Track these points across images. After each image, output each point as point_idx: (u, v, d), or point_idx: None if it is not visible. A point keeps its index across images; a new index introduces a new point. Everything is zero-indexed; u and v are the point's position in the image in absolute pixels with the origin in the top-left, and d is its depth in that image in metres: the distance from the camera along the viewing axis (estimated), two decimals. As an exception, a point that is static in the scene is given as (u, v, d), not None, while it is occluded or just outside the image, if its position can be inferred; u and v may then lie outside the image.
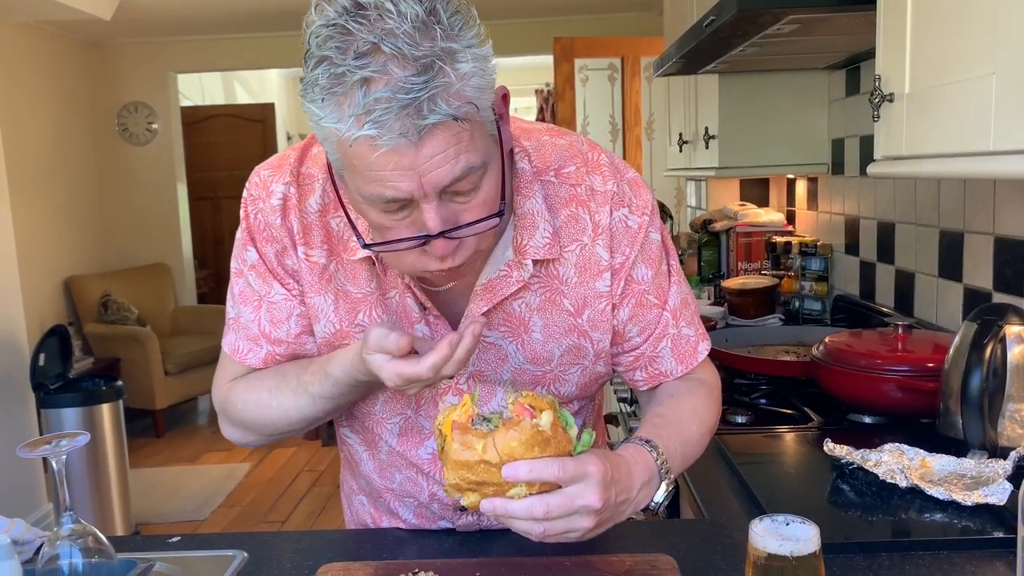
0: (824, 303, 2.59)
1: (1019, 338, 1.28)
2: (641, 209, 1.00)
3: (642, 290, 1.01)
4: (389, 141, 0.74)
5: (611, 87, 5.29)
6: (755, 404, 1.73)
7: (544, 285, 0.99)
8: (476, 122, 0.78)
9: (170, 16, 4.96)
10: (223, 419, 1.07)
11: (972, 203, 1.75)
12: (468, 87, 0.76)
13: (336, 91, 0.74)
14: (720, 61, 2.27)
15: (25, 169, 4.69)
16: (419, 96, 0.73)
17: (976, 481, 1.17)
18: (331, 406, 0.99)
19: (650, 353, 1.04)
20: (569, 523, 0.79)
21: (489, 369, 1.01)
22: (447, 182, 0.78)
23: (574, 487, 0.78)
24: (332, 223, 0.98)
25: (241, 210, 1.01)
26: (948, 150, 1.09)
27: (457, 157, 0.77)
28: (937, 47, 1.13)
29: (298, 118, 8.70)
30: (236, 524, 3.85)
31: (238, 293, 1.02)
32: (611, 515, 0.83)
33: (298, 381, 0.98)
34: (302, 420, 1.00)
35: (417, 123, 0.73)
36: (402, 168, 0.76)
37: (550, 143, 1.00)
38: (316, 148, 1.00)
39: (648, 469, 0.88)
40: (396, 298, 0.98)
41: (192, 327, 5.70)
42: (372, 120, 0.73)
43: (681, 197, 4.67)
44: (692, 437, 0.99)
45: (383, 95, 0.73)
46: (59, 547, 0.93)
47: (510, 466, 0.76)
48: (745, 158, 2.66)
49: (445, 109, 0.74)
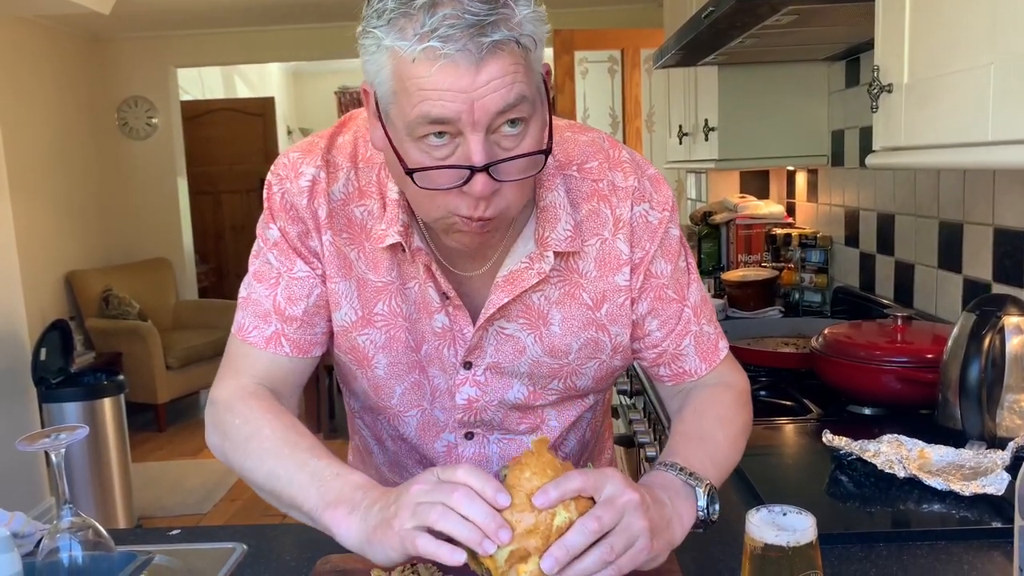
0: (824, 295, 2.59)
1: (1018, 329, 1.28)
2: (662, 205, 1.01)
3: (661, 284, 1.02)
4: (451, 52, 0.76)
5: (611, 79, 5.28)
6: (755, 396, 1.72)
7: (564, 279, 0.99)
8: (530, 60, 0.81)
9: (170, 10, 4.95)
10: (213, 423, 0.98)
11: (971, 194, 1.75)
12: (526, 22, 0.79)
13: (403, 11, 0.77)
14: (719, 53, 2.27)
15: (25, 164, 4.69)
16: (485, 19, 0.76)
17: (974, 471, 1.18)
18: (296, 494, 0.86)
19: (673, 350, 1.04)
20: (626, 527, 0.76)
21: (507, 361, 1.01)
22: (499, 107, 0.79)
23: (607, 489, 0.78)
24: (356, 211, 0.97)
25: (265, 190, 1.00)
26: (947, 140, 1.09)
27: (511, 85, 0.79)
28: (935, 37, 1.12)
29: (298, 112, 8.70)
30: (238, 518, 3.86)
31: (253, 272, 1.01)
32: (658, 521, 0.80)
33: (306, 451, 0.89)
34: (265, 480, 0.90)
35: (480, 40, 0.76)
36: (456, 89, 0.77)
37: (572, 139, 1.01)
38: (342, 137, 1.00)
39: (670, 484, 0.87)
40: (416, 288, 0.98)
41: (193, 321, 5.70)
42: (438, 35, 0.75)
43: (681, 189, 4.66)
44: (720, 445, 0.98)
45: (451, 14, 0.76)
46: (59, 540, 0.93)
47: (539, 494, 0.75)
48: (745, 150, 2.66)
49: (507, 32, 0.77)
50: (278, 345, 0.99)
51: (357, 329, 1.00)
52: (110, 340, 5.08)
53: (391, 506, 0.77)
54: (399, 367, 1.02)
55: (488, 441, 1.07)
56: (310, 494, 0.84)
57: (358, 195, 0.97)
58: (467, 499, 0.74)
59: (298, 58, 6.59)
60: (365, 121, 1.00)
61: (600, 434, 1.23)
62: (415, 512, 0.75)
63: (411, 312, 0.99)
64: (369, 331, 1.00)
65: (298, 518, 0.89)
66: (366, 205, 0.97)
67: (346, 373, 1.07)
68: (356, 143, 0.99)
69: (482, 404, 1.03)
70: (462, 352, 1.00)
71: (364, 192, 0.97)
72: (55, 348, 3.61)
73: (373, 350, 1.01)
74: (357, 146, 0.99)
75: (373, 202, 0.97)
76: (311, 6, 4.94)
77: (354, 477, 0.85)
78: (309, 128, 8.46)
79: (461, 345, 1.00)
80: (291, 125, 8.42)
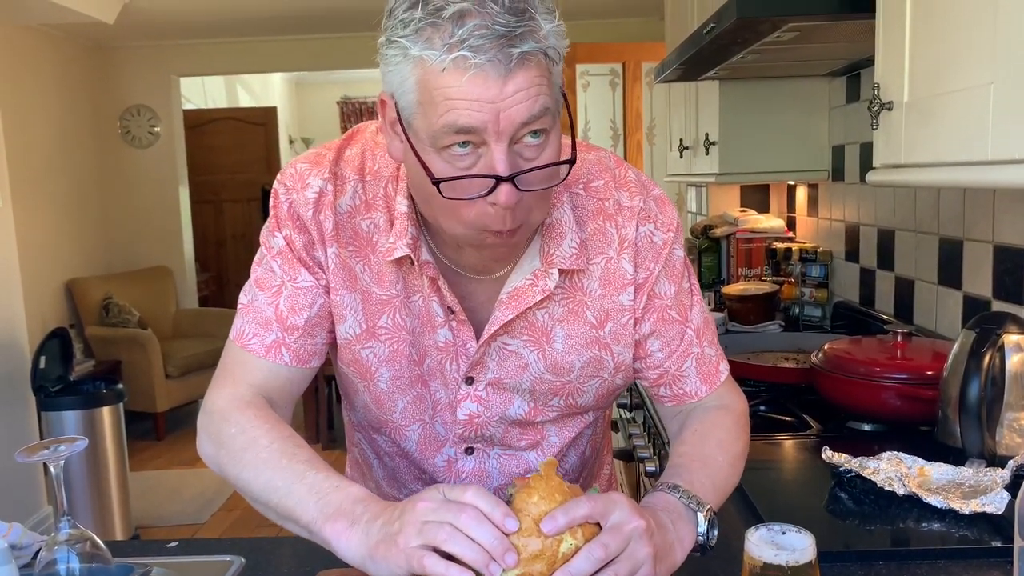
0: (824, 310, 2.59)
1: (1017, 347, 1.28)
2: (666, 226, 1.02)
3: (664, 305, 1.02)
4: (482, 62, 0.76)
5: (612, 92, 5.30)
6: (754, 411, 1.73)
7: (568, 296, 0.99)
8: (554, 73, 0.82)
9: (173, 19, 4.97)
10: (207, 431, 0.97)
11: (972, 211, 1.75)
12: (550, 36, 0.81)
13: (431, 21, 0.78)
14: (720, 68, 2.28)
15: (28, 171, 4.70)
16: (513, 31, 0.77)
17: (974, 490, 1.17)
18: (294, 507, 0.85)
19: (675, 371, 1.04)
20: (631, 553, 0.77)
21: (509, 377, 1.00)
22: (524, 118, 0.79)
23: (614, 516, 0.78)
24: (362, 224, 0.98)
25: (271, 199, 1.00)
26: (946, 159, 1.10)
27: (536, 97, 0.80)
28: (935, 56, 1.13)
29: (300, 122, 8.73)
30: (236, 528, 3.85)
31: (255, 279, 1.00)
32: (662, 547, 0.81)
33: (305, 463, 0.88)
34: (261, 491, 0.89)
35: (509, 51, 0.77)
36: (484, 99, 0.78)
37: (579, 157, 1.00)
38: (350, 150, 1.00)
39: (673, 508, 0.88)
40: (420, 302, 0.98)
41: (193, 330, 5.70)
42: (468, 45, 0.76)
43: (682, 202, 4.67)
44: (720, 468, 0.98)
45: (480, 25, 0.76)
46: (56, 552, 0.93)
47: (547, 520, 0.76)
48: (745, 164, 2.66)
49: (534, 44, 0.78)
50: (278, 354, 0.98)
51: (361, 342, 1.00)
52: (110, 348, 5.08)
53: (395, 522, 0.77)
54: (402, 381, 1.02)
55: (488, 456, 1.07)
56: (309, 507, 0.84)
57: (364, 208, 0.98)
58: (475, 521, 0.74)
59: (300, 68, 6.61)
60: (373, 135, 1.01)
61: (600, 450, 1.23)
62: (421, 531, 0.74)
63: (415, 326, 0.99)
64: (373, 344, 1.00)
65: (294, 531, 0.87)
66: (372, 218, 0.97)
67: (348, 386, 1.07)
68: (364, 156, 1.00)
69: (483, 419, 1.03)
70: (464, 367, 1.00)
71: (371, 205, 0.98)
72: (55, 356, 3.61)
73: (376, 363, 1.01)
74: (364, 159, 0.99)
75: (379, 215, 0.97)
76: (314, 17, 4.96)
77: (353, 490, 0.84)
78: (311, 138, 8.48)
79: (464, 360, 0.99)
80: (293, 134, 8.44)
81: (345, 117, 8.64)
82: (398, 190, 0.96)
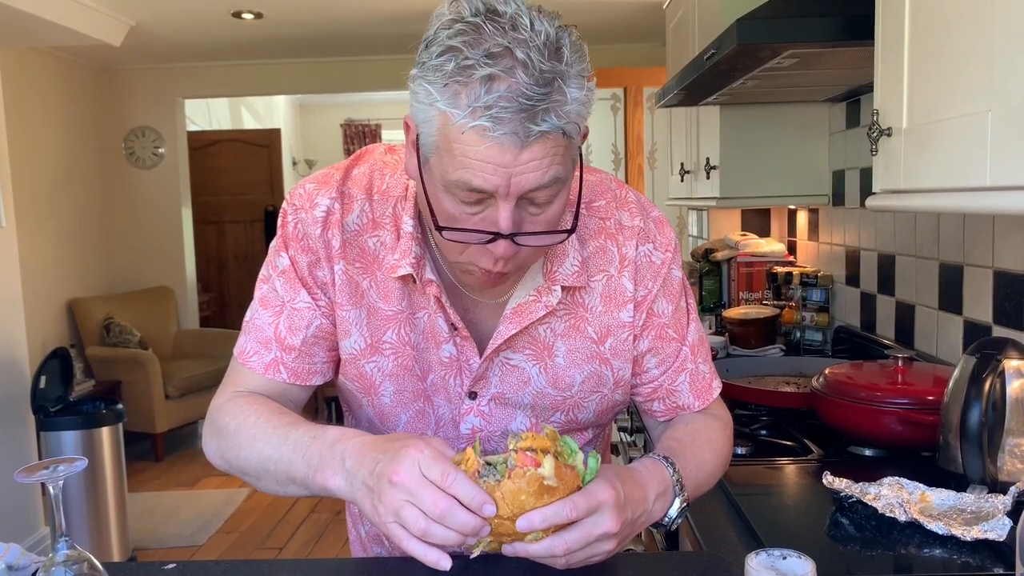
0: (825, 334, 2.59)
1: (1018, 372, 1.28)
2: (665, 246, 1.05)
3: (662, 323, 1.05)
4: (500, 136, 0.78)
5: (614, 116, 5.33)
6: (755, 435, 1.73)
7: (570, 312, 1.02)
8: (572, 142, 0.84)
9: (179, 42, 5.02)
10: (208, 429, 1.02)
11: (971, 236, 1.76)
12: (574, 110, 0.82)
13: (460, 79, 0.79)
14: (721, 93, 2.29)
15: (31, 191, 4.72)
16: (537, 105, 0.78)
17: (976, 516, 1.17)
18: (288, 468, 0.90)
19: (668, 386, 1.08)
20: (591, 550, 0.81)
21: (511, 392, 1.02)
22: (533, 187, 0.82)
23: (590, 519, 0.80)
24: (369, 242, 1.00)
25: (279, 219, 1.03)
26: (945, 185, 1.10)
27: (549, 168, 0.82)
28: (934, 83, 1.14)
29: (304, 144, 8.77)
30: (234, 550, 3.82)
31: (259, 298, 1.03)
32: (630, 531, 0.86)
33: (287, 426, 0.93)
34: (259, 465, 0.94)
35: (529, 127, 0.78)
36: (498, 164, 0.80)
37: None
38: (358, 169, 1.03)
39: (663, 482, 0.91)
40: (425, 318, 1.00)
41: (194, 351, 5.69)
42: (491, 115, 0.77)
43: (683, 226, 4.68)
44: (706, 463, 1.02)
45: (506, 94, 0.77)
46: (54, 573, 0.92)
47: (524, 518, 0.77)
48: (746, 188, 2.67)
49: (555, 121, 0.80)
50: (276, 372, 1.01)
51: (365, 357, 1.02)
52: (110, 368, 5.07)
53: (374, 487, 0.80)
54: (405, 395, 1.03)
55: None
56: (298, 465, 0.88)
57: (371, 226, 1.00)
58: (450, 514, 0.76)
59: (304, 91, 6.66)
60: (382, 155, 1.04)
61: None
62: (398, 515, 0.77)
63: (419, 341, 1.01)
64: (377, 359, 1.02)
65: (299, 494, 0.92)
66: (379, 236, 1.00)
67: (351, 402, 1.08)
68: (372, 175, 1.02)
69: (485, 434, 1.04)
70: (468, 382, 1.02)
71: (378, 223, 1.00)
72: (55, 376, 3.60)
73: (380, 378, 1.03)
74: (372, 178, 1.02)
75: (387, 233, 1.00)
76: (318, 41, 5.00)
77: (329, 434, 0.88)
78: (314, 159, 8.52)
79: (467, 375, 1.01)
80: (296, 156, 8.48)
81: (348, 139, 8.70)
82: (405, 210, 0.98)
